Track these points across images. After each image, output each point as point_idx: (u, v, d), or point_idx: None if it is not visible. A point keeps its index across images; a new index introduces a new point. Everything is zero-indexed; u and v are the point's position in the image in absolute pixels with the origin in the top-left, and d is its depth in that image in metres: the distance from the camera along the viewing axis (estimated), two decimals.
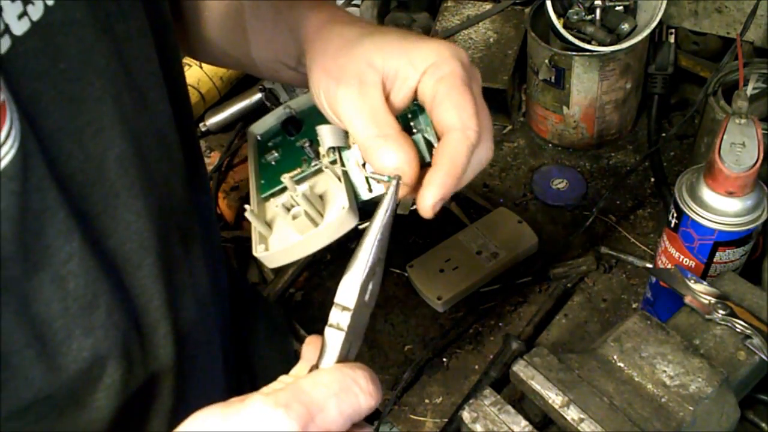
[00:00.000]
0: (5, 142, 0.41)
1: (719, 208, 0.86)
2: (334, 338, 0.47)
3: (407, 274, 1.16)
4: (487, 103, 1.53)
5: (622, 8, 1.19)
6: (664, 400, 0.68)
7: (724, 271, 0.89)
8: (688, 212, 0.88)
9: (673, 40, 1.27)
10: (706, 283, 0.79)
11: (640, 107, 1.34)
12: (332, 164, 0.64)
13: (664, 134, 1.30)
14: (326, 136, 0.63)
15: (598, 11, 1.18)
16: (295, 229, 0.63)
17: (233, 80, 1.48)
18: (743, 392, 0.75)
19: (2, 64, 0.42)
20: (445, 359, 1.08)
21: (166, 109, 0.57)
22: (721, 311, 0.75)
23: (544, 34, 1.24)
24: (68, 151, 0.47)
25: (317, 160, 0.66)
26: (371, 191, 0.62)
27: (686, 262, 0.93)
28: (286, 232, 0.65)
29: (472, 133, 0.54)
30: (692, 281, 0.79)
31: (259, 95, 1.41)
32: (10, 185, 0.42)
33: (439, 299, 1.12)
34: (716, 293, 0.77)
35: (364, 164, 0.60)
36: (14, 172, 0.42)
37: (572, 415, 0.66)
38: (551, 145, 1.34)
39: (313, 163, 0.67)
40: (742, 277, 0.82)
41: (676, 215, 0.91)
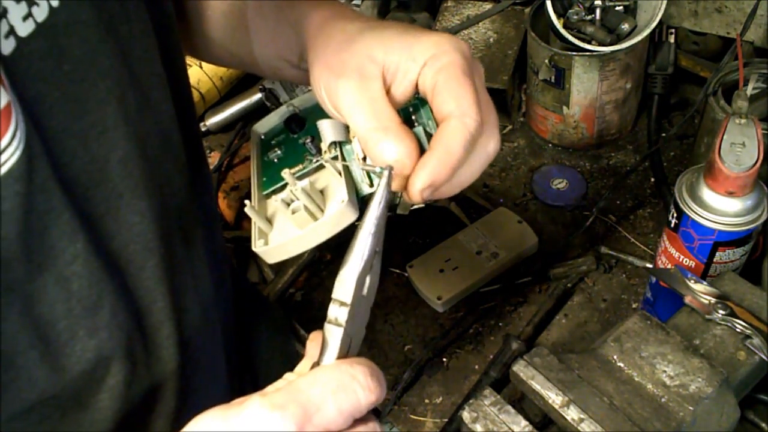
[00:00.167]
0: (11, 143, 0.41)
1: (719, 208, 0.86)
2: (333, 334, 0.47)
3: (407, 274, 1.16)
4: None
5: (622, 8, 1.19)
6: (664, 400, 0.68)
7: (724, 271, 0.89)
8: (688, 212, 0.88)
9: (673, 40, 1.27)
10: (706, 283, 0.79)
11: (640, 107, 1.34)
12: (333, 160, 0.64)
13: (664, 134, 1.30)
14: (327, 130, 0.63)
15: (598, 11, 1.18)
16: (294, 223, 0.63)
17: (233, 80, 1.48)
18: (743, 392, 0.75)
19: (7, 65, 0.42)
20: (445, 359, 1.08)
21: (169, 109, 0.57)
22: (721, 311, 0.75)
23: (544, 34, 1.24)
24: (72, 152, 0.47)
25: (319, 156, 0.66)
26: (372, 185, 0.61)
27: (686, 262, 0.93)
28: (285, 227, 0.64)
29: (470, 121, 0.53)
30: (692, 281, 0.79)
31: (259, 95, 1.41)
32: (15, 186, 0.42)
33: (439, 299, 1.12)
34: (716, 293, 0.77)
35: (364, 158, 0.59)
36: (19, 173, 0.42)
37: (572, 415, 0.66)
38: (551, 145, 1.34)
39: (314, 159, 0.67)
40: (742, 277, 0.82)
41: (676, 215, 0.91)
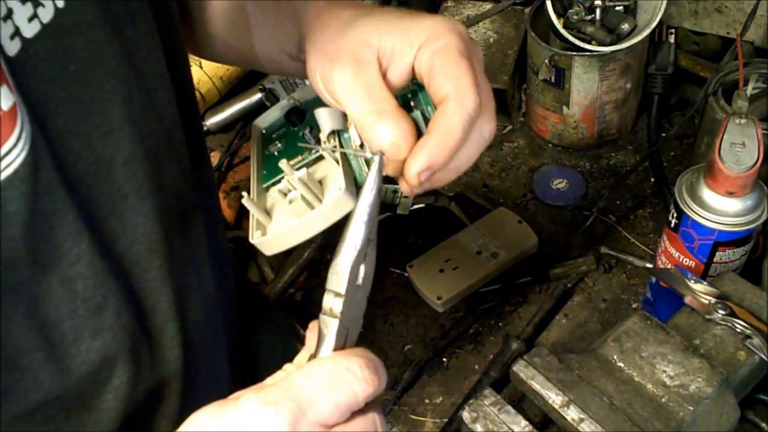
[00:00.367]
0: (16, 144, 0.41)
1: (719, 208, 0.86)
2: (329, 326, 0.46)
3: (407, 274, 1.16)
4: None
5: (622, 8, 1.19)
6: (664, 400, 0.68)
7: (724, 271, 0.89)
8: (688, 212, 0.88)
9: (673, 40, 1.27)
10: (706, 283, 0.79)
11: (640, 107, 1.34)
12: (333, 151, 0.63)
13: (664, 134, 1.30)
14: (324, 119, 0.62)
15: (598, 11, 1.18)
16: (291, 213, 0.63)
17: (233, 80, 1.48)
18: (743, 392, 0.75)
19: (12, 67, 0.42)
20: (445, 359, 1.08)
21: (173, 110, 0.57)
22: (721, 311, 0.75)
23: (544, 34, 1.24)
24: (77, 153, 0.47)
25: (318, 145, 0.65)
26: (380, 176, 0.61)
27: (686, 262, 0.93)
28: (283, 218, 0.64)
29: (469, 102, 0.51)
30: (692, 281, 0.79)
31: (259, 95, 1.42)
32: (21, 187, 0.42)
33: (439, 299, 1.12)
34: (716, 293, 0.77)
35: (361, 144, 0.58)
36: (25, 174, 0.42)
37: (572, 415, 0.66)
38: (551, 145, 1.34)
39: (313, 150, 0.66)
40: (742, 277, 0.82)
41: (676, 215, 0.91)
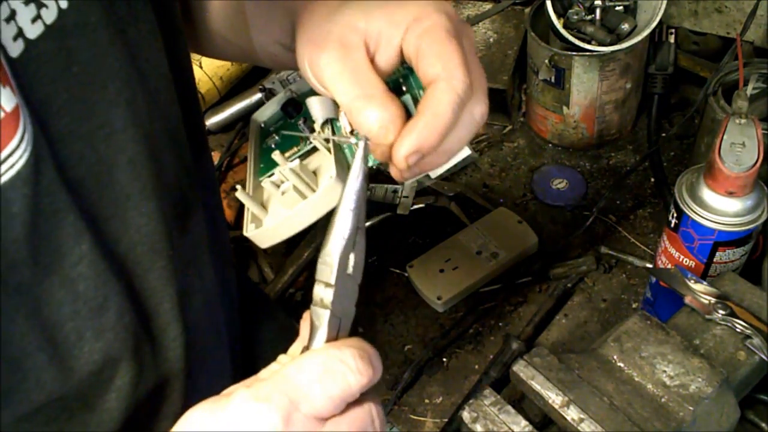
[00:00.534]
0: (19, 146, 0.41)
1: (719, 208, 0.86)
2: (320, 317, 0.46)
3: (407, 274, 1.16)
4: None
5: (622, 8, 1.19)
6: (664, 400, 0.68)
7: (724, 271, 0.89)
8: (688, 212, 0.88)
9: (673, 40, 1.27)
10: (706, 283, 0.79)
11: (640, 107, 1.34)
12: (326, 141, 0.63)
13: (664, 134, 1.30)
14: (315, 107, 0.62)
15: (598, 11, 1.18)
16: (284, 205, 0.62)
17: (233, 80, 1.48)
18: (743, 392, 0.75)
19: (15, 68, 0.42)
20: (445, 359, 1.08)
21: (177, 110, 0.57)
22: (721, 311, 0.75)
23: (544, 34, 1.24)
24: (80, 154, 0.47)
25: (309, 133, 0.65)
26: (365, 162, 0.60)
27: (686, 262, 0.93)
28: (277, 210, 0.64)
29: (458, 83, 0.50)
30: (692, 281, 0.79)
31: (259, 95, 1.41)
32: (23, 189, 0.42)
33: (439, 299, 1.12)
34: (716, 293, 0.77)
35: (352, 131, 0.57)
36: (27, 175, 0.42)
37: (572, 415, 0.66)
38: (551, 145, 1.34)
39: (308, 141, 0.66)
40: (742, 277, 0.82)
41: (676, 215, 0.91)
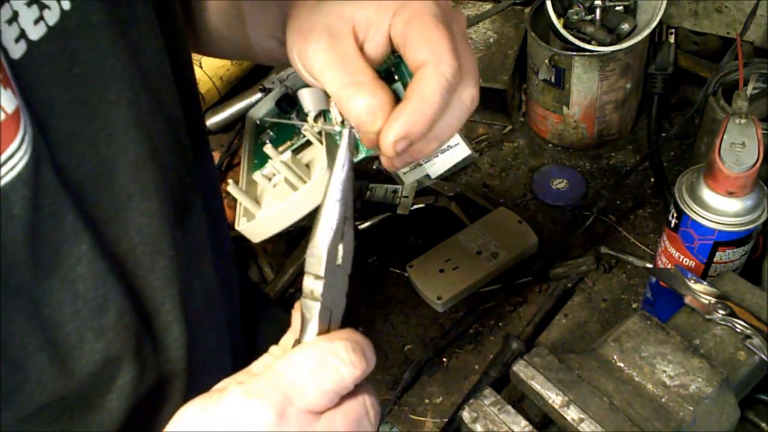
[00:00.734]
0: (19, 147, 0.41)
1: (719, 208, 0.86)
2: (311, 309, 0.46)
3: (407, 274, 1.16)
4: (487, 103, 1.51)
5: (622, 8, 1.19)
6: (664, 400, 0.68)
7: (724, 271, 0.89)
8: (688, 212, 0.88)
9: (673, 40, 1.27)
10: (706, 283, 0.79)
11: (640, 107, 1.34)
12: (319, 134, 0.62)
13: (664, 134, 1.30)
14: (306, 99, 0.61)
15: (598, 11, 1.18)
16: (276, 198, 0.62)
17: (233, 80, 1.48)
18: (743, 392, 0.75)
19: (16, 70, 0.42)
20: (445, 359, 1.08)
21: (178, 111, 0.57)
22: (721, 311, 0.75)
23: (544, 34, 1.24)
24: (81, 155, 0.47)
25: (300, 122, 0.65)
26: (358, 153, 0.58)
27: (686, 262, 0.93)
28: (269, 203, 0.64)
29: (446, 67, 0.49)
30: (692, 281, 0.79)
31: (259, 95, 1.41)
32: (23, 191, 0.42)
33: (439, 299, 1.12)
34: (716, 293, 0.77)
35: (342, 121, 0.56)
36: (27, 177, 0.42)
37: (572, 415, 0.66)
38: (551, 145, 1.34)
39: (302, 135, 0.66)
40: (742, 277, 0.82)
41: (676, 215, 0.91)
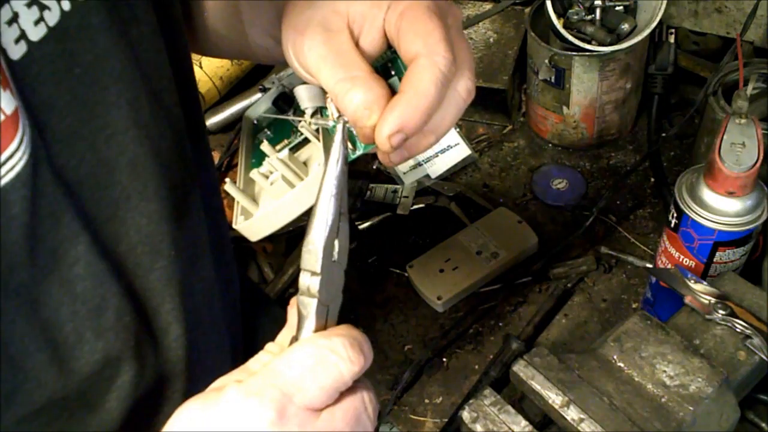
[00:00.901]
0: (18, 148, 0.42)
1: (719, 208, 0.86)
2: (308, 306, 0.46)
3: (407, 274, 1.16)
4: (487, 103, 1.51)
5: (622, 8, 1.19)
6: (664, 400, 0.68)
7: (724, 271, 0.89)
8: (688, 212, 0.88)
9: (673, 40, 1.27)
10: (706, 283, 0.79)
11: (640, 107, 1.34)
12: (317, 131, 0.62)
13: (664, 134, 1.30)
14: (302, 95, 0.61)
15: (598, 11, 1.18)
16: (273, 195, 0.62)
17: (233, 80, 1.48)
18: (743, 392, 0.75)
19: (16, 70, 0.42)
20: (445, 359, 1.08)
21: (179, 111, 0.57)
22: (721, 311, 0.75)
23: (544, 34, 1.24)
24: (81, 155, 0.47)
25: (302, 120, 0.64)
26: (355, 148, 0.58)
27: (686, 262, 0.93)
28: (267, 201, 0.64)
29: (440, 59, 0.49)
30: (692, 281, 0.79)
31: (259, 95, 1.41)
32: (22, 191, 0.42)
33: (439, 299, 1.12)
34: (716, 293, 0.77)
35: (339, 117, 0.56)
36: (26, 177, 0.42)
37: (572, 415, 0.66)
38: (551, 145, 1.34)
39: (299, 133, 0.66)
40: (742, 277, 0.82)
41: (676, 215, 0.91)
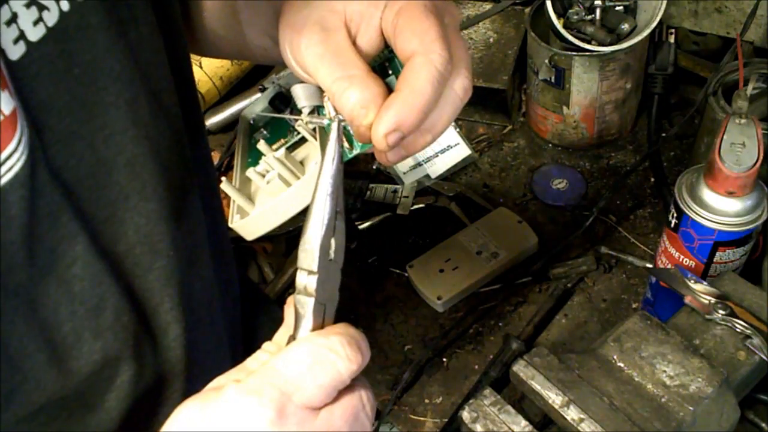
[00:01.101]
0: (17, 148, 0.42)
1: (719, 208, 0.86)
2: (305, 305, 0.46)
3: (407, 274, 1.16)
4: (487, 103, 1.51)
5: (622, 8, 1.19)
6: (664, 400, 0.68)
7: (724, 271, 0.89)
8: (688, 212, 0.88)
9: (673, 40, 1.27)
10: (706, 283, 0.79)
11: (640, 107, 1.33)
12: (313, 130, 0.62)
13: (664, 134, 1.30)
14: (299, 94, 0.60)
15: (598, 11, 1.18)
16: (269, 194, 0.62)
17: (233, 80, 1.48)
18: (743, 392, 0.75)
19: (14, 71, 0.42)
20: (445, 359, 1.08)
21: (177, 111, 0.57)
22: (721, 311, 0.75)
23: (544, 34, 1.24)
24: (80, 155, 0.47)
25: (299, 118, 0.64)
26: (352, 147, 0.57)
27: (686, 262, 0.93)
28: (263, 200, 0.64)
29: (436, 57, 0.49)
30: (692, 281, 0.79)
31: (258, 95, 1.41)
32: (21, 191, 0.42)
33: (439, 299, 1.12)
34: (716, 293, 0.77)
35: (335, 116, 0.55)
36: (24, 177, 0.43)
37: (572, 415, 0.66)
38: (551, 145, 1.34)
39: (296, 132, 0.66)
40: (742, 277, 0.82)
41: (676, 215, 0.91)
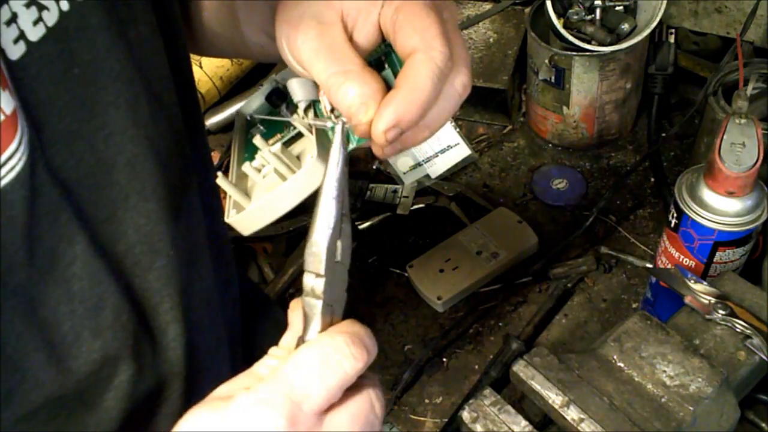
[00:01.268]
0: (18, 148, 0.42)
1: (719, 208, 0.86)
2: (313, 308, 0.46)
3: (407, 274, 1.16)
4: (487, 103, 1.51)
5: (622, 8, 1.19)
6: (664, 400, 0.68)
7: (724, 271, 0.89)
8: (688, 212, 0.88)
9: (673, 40, 1.27)
10: (706, 283, 0.79)
11: (640, 107, 1.34)
12: (309, 125, 0.62)
13: (664, 134, 1.30)
14: (295, 89, 0.60)
15: (598, 11, 1.18)
16: (265, 189, 0.62)
17: (233, 80, 1.48)
18: (743, 392, 0.75)
19: (14, 71, 0.42)
20: (445, 359, 1.08)
21: (177, 111, 0.57)
22: (721, 311, 0.75)
23: (544, 34, 1.24)
24: (79, 155, 0.47)
25: (295, 114, 0.64)
26: (349, 143, 0.56)
27: (686, 262, 0.93)
28: (259, 194, 0.64)
29: (436, 53, 0.49)
30: (692, 281, 0.79)
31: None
32: (22, 191, 0.43)
33: (439, 299, 1.12)
34: (716, 293, 0.77)
35: (332, 110, 0.55)
36: (25, 177, 0.43)
37: (572, 415, 0.66)
38: (551, 145, 1.34)
39: (292, 127, 0.66)
40: (742, 277, 0.82)
41: (676, 215, 0.91)
